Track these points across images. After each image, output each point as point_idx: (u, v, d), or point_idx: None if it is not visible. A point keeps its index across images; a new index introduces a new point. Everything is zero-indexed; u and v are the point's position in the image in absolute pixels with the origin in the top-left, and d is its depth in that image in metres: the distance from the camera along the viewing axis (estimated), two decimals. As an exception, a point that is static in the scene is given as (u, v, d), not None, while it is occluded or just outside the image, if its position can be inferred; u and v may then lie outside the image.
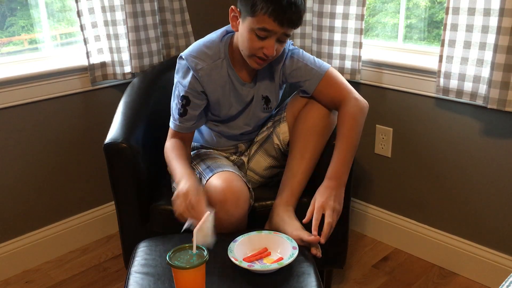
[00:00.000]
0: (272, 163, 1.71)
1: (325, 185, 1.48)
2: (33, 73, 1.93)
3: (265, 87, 1.63)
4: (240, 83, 1.59)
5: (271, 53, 1.44)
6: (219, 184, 1.42)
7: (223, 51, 1.55)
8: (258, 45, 1.44)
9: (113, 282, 2.00)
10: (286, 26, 1.41)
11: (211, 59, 1.53)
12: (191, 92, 1.54)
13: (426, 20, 2.06)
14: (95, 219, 2.28)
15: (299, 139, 1.58)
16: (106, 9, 2.02)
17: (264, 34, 1.42)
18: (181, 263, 1.12)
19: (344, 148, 1.51)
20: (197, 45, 1.56)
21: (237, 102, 1.62)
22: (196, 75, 1.52)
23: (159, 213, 1.64)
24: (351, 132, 1.52)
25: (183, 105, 1.55)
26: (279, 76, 1.62)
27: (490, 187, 1.85)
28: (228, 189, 1.41)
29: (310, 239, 1.38)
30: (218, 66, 1.54)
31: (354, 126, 1.53)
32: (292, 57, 1.60)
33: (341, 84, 1.59)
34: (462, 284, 1.96)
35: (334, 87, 1.57)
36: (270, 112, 1.69)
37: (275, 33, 1.42)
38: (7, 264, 2.02)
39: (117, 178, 1.63)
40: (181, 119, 1.57)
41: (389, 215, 2.20)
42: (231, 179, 1.44)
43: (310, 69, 1.58)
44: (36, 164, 2.05)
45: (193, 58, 1.52)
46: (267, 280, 1.26)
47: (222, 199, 1.40)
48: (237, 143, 1.73)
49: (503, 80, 1.60)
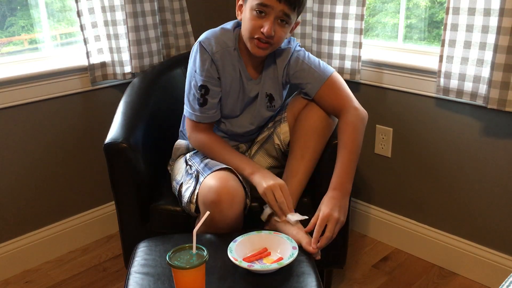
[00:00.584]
0: (272, 163, 1.71)
1: (330, 196, 1.47)
2: (33, 73, 1.93)
3: (269, 85, 1.64)
4: (247, 77, 1.61)
5: (269, 31, 1.45)
6: (214, 183, 1.42)
7: (234, 42, 1.57)
8: (258, 23, 1.46)
9: (113, 282, 2.00)
10: (284, 2, 1.43)
11: (225, 45, 1.56)
12: (208, 80, 1.55)
13: (426, 20, 2.06)
14: (95, 219, 2.28)
15: (300, 139, 1.59)
16: (106, 9, 2.02)
17: (262, 8, 1.44)
18: (181, 263, 1.12)
19: (347, 158, 1.51)
20: (212, 31, 1.58)
21: (242, 96, 1.63)
22: (213, 58, 1.54)
23: (159, 213, 1.64)
24: (352, 141, 1.52)
25: (202, 95, 1.56)
26: (282, 75, 1.62)
27: (490, 187, 1.85)
28: (223, 189, 1.40)
29: (308, 250, 1.39)
30: (230, 53, 1.57)
31: (355, 135, 1.53)
32: (297, 57, 1.61)
33: (342, 91, 1.59)
34: (462, 284, 1.96)
35: (335, 94, 1.58)
36: (274, 111, 1.70)
37: (272, 8, 1.44)
38: (7, 264, 2.02)
39: (117, 178, 1.63)
40: (202, 109, 1.58)
41: (389, 215, 2.20)
42: (227, 179, 1.44)
43: (313, 72, 1.59)
44: (36, 164, 2.05)
45: (210, 41, 1.54)
46: (267, 280, 1.26)
47: (216, 199, 1.39)
48: (238, 143, 1.73)
49: (503, 80, 1.60)
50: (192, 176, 1.55)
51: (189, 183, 1.54)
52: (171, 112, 1.88)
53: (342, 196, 1.47)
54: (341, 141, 1.53)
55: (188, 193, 1.52)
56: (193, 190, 1.49)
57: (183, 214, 1.60)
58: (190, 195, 1.50)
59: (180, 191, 1.58)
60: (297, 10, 1.48)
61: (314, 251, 1.38)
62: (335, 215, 1.42)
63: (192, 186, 1.51)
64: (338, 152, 1.52)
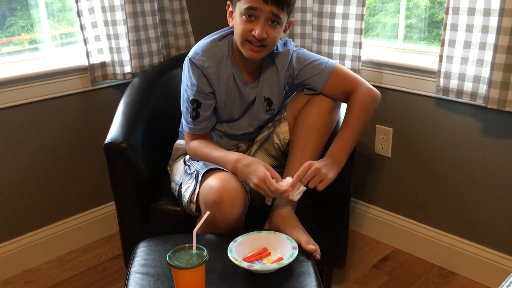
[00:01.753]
0: (272, 163, 1.71)
1: (322, 160, 1.49)
2: (33, 73, 1.93)
3: (267, 89, 1.64)
4: (243, 82, 1.61)
5: (260, 34, 1.45)
6: (215, 184, 1.42)
7: (227, 49, 1.57)
8: (248, 27, 1.46)
9: (113, 282, 2.00)
10: (271, 3, 1.43)
11: (216, 56, 1.56)
12: (200, 95, 1.56)
13: (426, 20, 2.06)
14: (95, 219, 2.28)
15: (300, 138, 1.59)
16: (106, 9, 2.02)
17: (251, 12, 1.45)
18: (181, 263, 1.12)
19: (345, 135, 1.53)
20: (202, 44, 1.58)
21: (240, 102, 1.63)
22: (205, 72, 1.54)
23: (159, 213, 1.64)
24: (357, 118, 1.54)
25: (194, 108, 1.57)
26: (284, 77, 1.63)
27: (490, 186, 1.85)
28: (224, 190, 1.40)
29: (308, 249, 1.38)
30: (223, 63, 1.57)
31: (361, 112, 1.55)
32: (298, 57, 1.61)
33: (351, 75, 1.61)
34: (462, 284, 1.96)
35: (345, 79, 1.59)
36: (272, 113, 1.70)
37: (261, 10, 1.44)
38: (7, 264, 2.02)
39: (117, 178, 1.63)
40: (195, 122, 1.59)
41: (389, 215, 2.20)
42: (228, 179, 1.44)
43: (319, 64, 1.60)
44: (36, 164, 2.05)
45: (200, 57, 1.54)
46: (267, 280, 1.26)
47: (218, 200, 1.39)
48: (238, 143, 1.73)
49: (503, 80, 1.60)
50: (191, 176, 1.55)
51: (188, 183, 1.54)
52: (171, 112, 1.89)
53: (333, 163, 1.48)
54: (346, 117, 1.55)
55: (188, 192, 1.52)
56: (193, 190, 1.50)
57: (183, 214, 1.60)
58: (191, 195, 1.50)
59: (179, 192, 1.58)
60: (286, 9, 1.48)
61: (313, 249, 1.38)
62: (323, 171, 1.44)
63: (192, 185, 1.51)
64: (341, 127, 1.55)
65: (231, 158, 1.49)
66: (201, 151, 1.59)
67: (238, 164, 1.46)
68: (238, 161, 1.47)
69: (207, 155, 1.56)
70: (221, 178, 1.44)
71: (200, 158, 1.59)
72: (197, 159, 1.61)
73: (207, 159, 1.56)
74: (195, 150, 1.61)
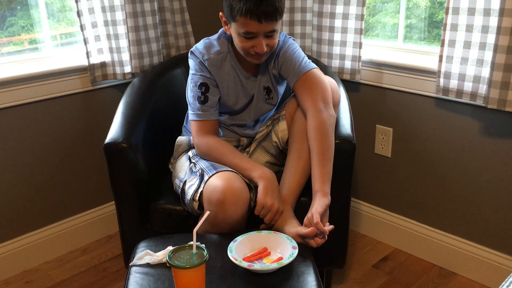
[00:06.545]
0: (270, 160, 1.71)
1: (314, 201, 1.46)
2: (33, 73, 1.93)
3: (265, 79, 1.70)
4: (244, 76, 1.66)
5: (261, 50, 1.52)
6: (219, 183, 1.42)
7: (227, 46, 1.64)
8: (248, 45, 1.53)
9: (113, 282, 2.00)
10: (264, 21, 1.47)
11: (217, 52, 1.63)
12: (207, 79, 1.61)
13: (426, 20, 2.06)
14: (95, 219, 2.28)
15: (296, 139, 1.60)
16: (106, 9, 2.02)
17: (249, 35, 1.50)
18: (181, 263, 1.12)
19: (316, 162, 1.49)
20: (204, 41, 1.66)
21: (243, 95, 1.68)
22: (206, 64, 1.60)
23: (159, 212, 1.64)
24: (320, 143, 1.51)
25: (203, 92, 1.61)
26: (272, 67, 1.67)
27: (490, 187, 1.85)
28: (228, 189, 1.41)
29: (307, 232, 1.38)
30: (224, 58, 1.63)
31: (319, 138, 1.51)
32: (285, 50, 1.65)
33: (314, 90, 1.57)
34: (462, 284, 1.96)
35: (305, 91, 1.58)
36: (272, 105, 1.73)
37: (258, 31, 1.49)
38: (7, 264, 2.02)
39: (117, 178, 1.63)
40: (204, 107, 1.61)
41: (389, 215, 2.20)
42: (232, 179, 1.44)
43: (294, 65, 1.62)
44: (36, 164, 2.05)
45: (200, 51, 1.62)
46: (267, 280, 1.26)
47: (221, 199, 1.40)
48: (239, 137, 1.75)
49: (503, 80, 1.60)
50: (196, 175, 1.55)
51: (193, 181, 1.54)
52: (171, 112, 1.89)
53: (324, 196, 1.47)
54: (311, 146, 1.53)
55: (191, 190, 1.52)
56: (196, 188, 1.50)
57: (183, 213, 1.60)
58: (194, 193, 1.50)
59: (183, 189, 1.58)
60: (279, 18, 1.51)
61: (312, 229, 1.37)
62: (325, 214, 1.45)
63: (196, 184, 1.51)
64: (311, 156, 1.53)
65: (258, 172, 1.50)
66: (220, 149, 1.58)
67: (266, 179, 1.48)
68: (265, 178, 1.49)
69: (225, 156, 1.57)
70: (225, 178, 1.44)
71: (217, 157, 1.58)
72: (207, 157, 1.60)
73: (227, 160, 1.55)
74: (212, 147, 1.59)
